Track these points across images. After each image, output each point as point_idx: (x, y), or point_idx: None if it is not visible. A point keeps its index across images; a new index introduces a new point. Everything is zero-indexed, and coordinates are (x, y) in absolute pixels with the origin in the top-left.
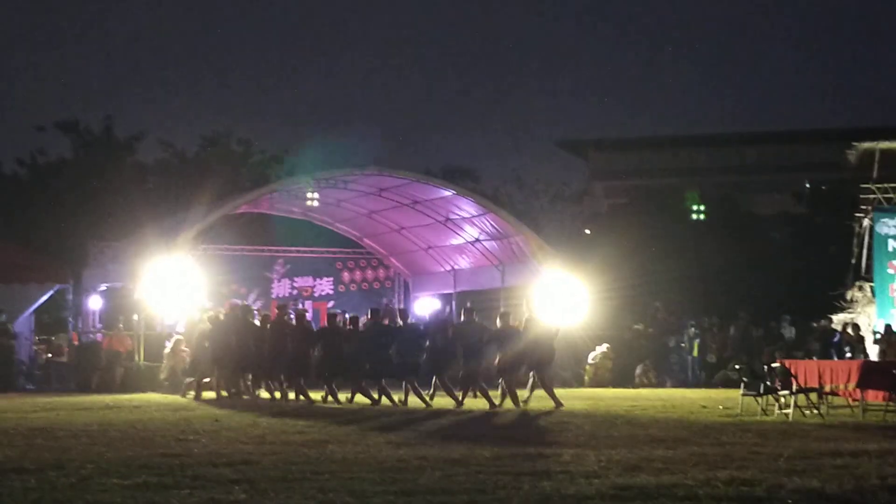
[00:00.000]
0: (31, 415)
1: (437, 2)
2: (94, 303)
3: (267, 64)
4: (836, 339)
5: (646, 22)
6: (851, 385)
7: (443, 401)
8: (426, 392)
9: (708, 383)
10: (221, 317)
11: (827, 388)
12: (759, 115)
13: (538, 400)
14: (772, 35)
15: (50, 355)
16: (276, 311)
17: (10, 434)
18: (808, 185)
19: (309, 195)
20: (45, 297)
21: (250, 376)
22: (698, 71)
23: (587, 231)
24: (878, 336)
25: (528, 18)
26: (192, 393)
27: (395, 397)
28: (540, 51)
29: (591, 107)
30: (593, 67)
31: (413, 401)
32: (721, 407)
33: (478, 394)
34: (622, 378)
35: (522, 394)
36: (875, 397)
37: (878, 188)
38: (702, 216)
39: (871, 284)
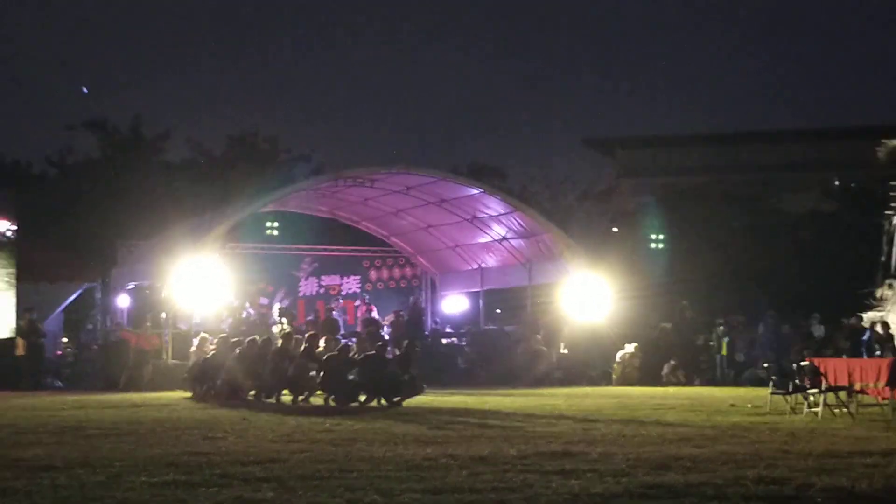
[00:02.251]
0: (60, 413)
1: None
2: (122, 301)
3: (293, 63)
4: (865, 338)
5: (672, 18)
6: (881, 383)
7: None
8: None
9: (736, 382)
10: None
11: (856, 387)
12: (788, 112)
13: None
14: (799, 31)
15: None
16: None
17: (40, 432)
18: (836, 183)
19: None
20: (73, 296)
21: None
22: (726, 68)
23: (614, 229)
24: None
25: (554, 16)
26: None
27: None
28: (566, 48)
29: (618, 104)
30: (620, 65)
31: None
32: (750, 405)
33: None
34: (650, 376)
35: None
36: None
37: None
38: (660, 245)
39: None
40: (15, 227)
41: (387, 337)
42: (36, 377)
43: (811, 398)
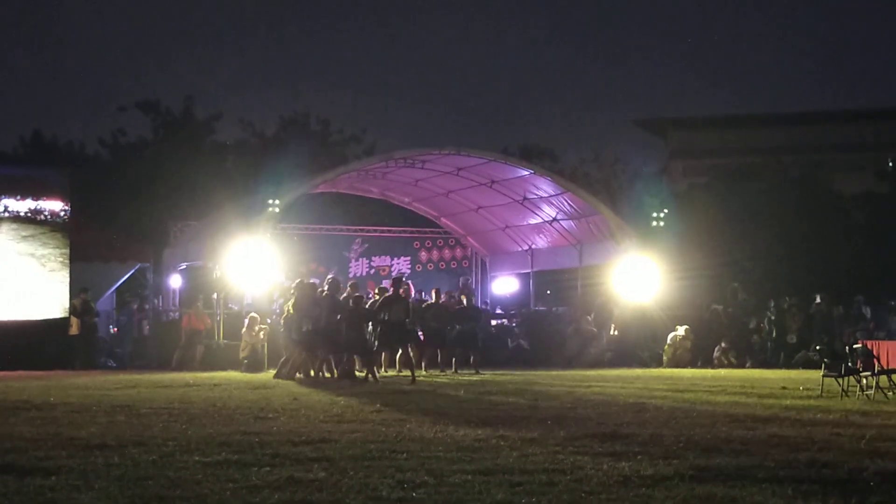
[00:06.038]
0: (113, 392)
1: None
2: (175, 281)
3: (346, 44)
4: None
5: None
6: None
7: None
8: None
9: (788, 364)
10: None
11: None
12: (842, 92)
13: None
14: (854, 10)
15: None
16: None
17: (93, 411)
18: (890, 164)
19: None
20: (126, 276)
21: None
22: (780, 49)
23: (665, 210)
24: None
25: None
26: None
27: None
28: (618, 29)
29: (670, 85)
30: (672, 45)
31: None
32: (802, 388)
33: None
34: (701, 358)
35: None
36: None
37: None
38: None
39: None
40: (68, 208)
41: None
42: (89, 356)
43: (864, 381)
